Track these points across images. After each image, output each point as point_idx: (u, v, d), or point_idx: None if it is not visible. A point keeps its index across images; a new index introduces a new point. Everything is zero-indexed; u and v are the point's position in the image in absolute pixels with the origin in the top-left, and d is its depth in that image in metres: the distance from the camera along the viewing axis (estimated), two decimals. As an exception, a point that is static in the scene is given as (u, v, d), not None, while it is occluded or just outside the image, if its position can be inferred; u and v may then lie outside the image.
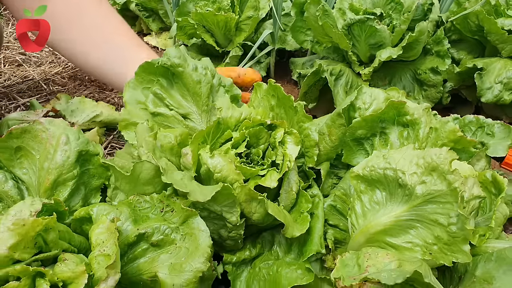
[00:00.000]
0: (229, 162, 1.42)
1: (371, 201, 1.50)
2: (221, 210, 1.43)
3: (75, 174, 1.40)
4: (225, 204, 1.41)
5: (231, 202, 1.40)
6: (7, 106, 3.04)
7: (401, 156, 1.45)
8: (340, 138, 1.77)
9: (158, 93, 1.77)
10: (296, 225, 1.47)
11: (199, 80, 1.76)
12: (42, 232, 1.19)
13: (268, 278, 1.51)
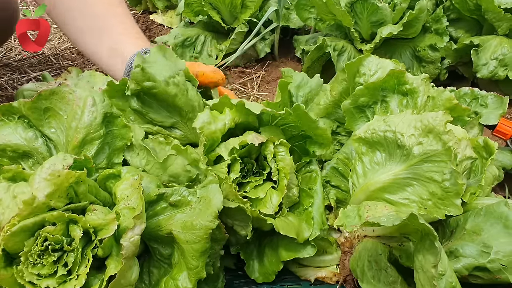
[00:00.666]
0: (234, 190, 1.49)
1: (371, 162, 1.62)
2: (232, 223, 1.56)
3: (101, 134, 1.50)
4: (238, 218, 1.54)
5: (244, 217, 1.53)
6: (19, 79, 3.14)
7: (400, 120, 1.56)
8: (340, 93, 1.87)
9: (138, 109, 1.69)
10: (303, 226, 1.61)
11: (175, 94, 1.65)
12: (74, 184, 1.31)
13: (273, 252, 1.64)
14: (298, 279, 1.76)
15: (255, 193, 1.61)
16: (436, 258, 1.18)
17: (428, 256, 1.22)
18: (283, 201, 1.65)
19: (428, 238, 1.20)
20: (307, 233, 1.60)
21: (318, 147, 1.76)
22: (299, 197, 1.71)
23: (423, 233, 1.27)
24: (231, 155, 1.59)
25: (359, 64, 1.88)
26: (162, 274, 1.45)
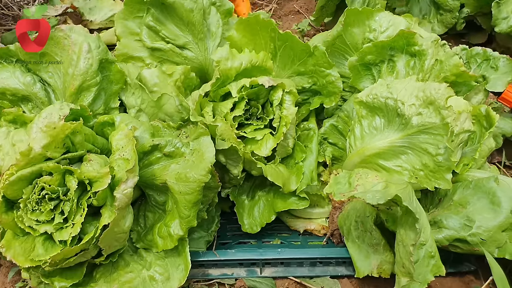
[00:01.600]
0: (229, 129, 1.52)
1: (370, 126, 1.62)
2: (226, 161, 1.58)
3: (98, 80, 1.51)
4: (231, 158, 1.56)
5: (237, 157, 1.55)
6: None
7: (403, 86, 1.54)
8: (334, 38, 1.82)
9: (152, 26, 1.74)
10: (291, 179, 1.64)
11: (191, 9, 1.72)
12: (70, 134, 1.33)
13: (266, 203, 1.69)
14: (287, 229, 1.84)
15: (252, 134, 1.64)
16: (416, 237, 1.23)
17: (409, 233, 1.27)
18: (277, 149, 1.68)
19: (411, 216, 1.24)
20: (293, 186, 1.65)
21: (328, 100, 1.74)
22: (293, 150, 1.74)
23: (407, 209, 1.30)
24: (239, 93, 1.61)
25: (370, 17, 1.81)
26: (157, 219, 1.53)
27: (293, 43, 1.71)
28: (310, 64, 1.74)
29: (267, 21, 1.71)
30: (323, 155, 1.79)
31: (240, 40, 1.80)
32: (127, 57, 1.80)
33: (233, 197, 1.73)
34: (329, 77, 1.71)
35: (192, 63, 1.81)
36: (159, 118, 1.60)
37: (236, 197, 1.74)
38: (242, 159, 1.60)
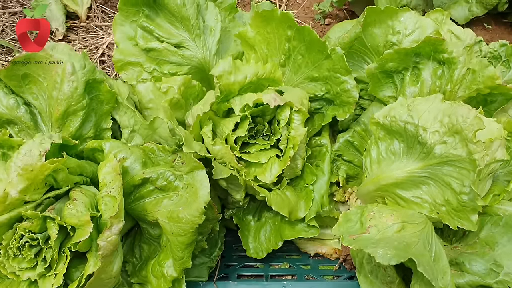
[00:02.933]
0: (230, 153, 1.42)
1: (387, 150, 1.46)
2: (227, 186, 1.46)
3: (85, 104, 1.39)
4: (233, 183, 1.44)
5: (238, 183, 1.44)
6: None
7: (427, 108, 1.36)
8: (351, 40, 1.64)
9: (146, 26, 1.64)
10: (300, 205, 1.51)
11: (182, 3, 1.60)
12: (52, 172, 1.24)
13: (274, 227, 1.58)
14: (297, 250, 1.74)
15: (257, 157, 1.51)
16: (432, 298, 1.10)
17: (424, 291, 1.14)
18: (284, 172, 1.55)
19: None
20: (302, 213, 1.53)
21: (341, 112, 1.59)
22: (303, 172, 1.60)
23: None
24: (243, 112, 1.48)
25: (393, 17, 1.60)
26: (152, 252, 1.46)
27: (310, 43, 1.56)
28: (325, 69, 1.58)
29: (283, 16, 1.56)
30: (336, 174, 1.65)
31: (253, 37, 1.67)
32: (125, 63, 1.70)
33: (237, 219, 1.63)
34: (344, 85, 1.55)
35: (191, 61, 1.69)
36: (154, 140, 1.49)
37: (241, 218, 1.64)
38: (244, 185, 1.48)
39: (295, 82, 1.69)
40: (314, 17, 2.72)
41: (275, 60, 1.69)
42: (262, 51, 1.70)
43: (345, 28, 1.91)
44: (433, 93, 1.55)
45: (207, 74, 1.72)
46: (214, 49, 1.72)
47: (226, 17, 1.81)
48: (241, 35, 1.69)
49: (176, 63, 1.70)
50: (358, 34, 1.63)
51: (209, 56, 1.71)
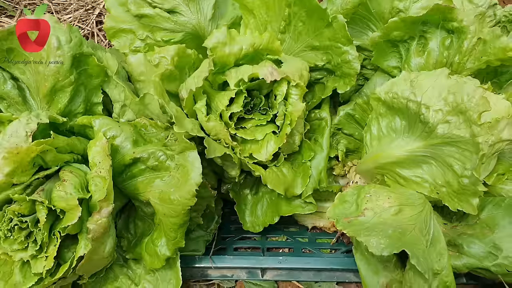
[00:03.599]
0: (224, 130, 1.38)
1: (388, 127, 1.41)
2: (222, 163, 1.42)
3: (72, 80, 1.34)
4: (228, 160, 1.40)
5: (232, 161, 1.40)
6: None
7: (431, 84, 1.29)
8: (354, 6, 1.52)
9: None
10: (296, 181, 1.48)
11: None
12: (40, 153, 1.21)
13: (271, 202, 1.55)
14: (295, 222, 1.73)
15: (252, 133, 1.47)
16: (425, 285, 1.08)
17: (418, 279, 1.12)
18: (281, 148, 1.51)
19: (420, 265, 1.08)
20: (298, 190, 1.51)
21: (342, 83, 1.51)
22: (301, 147, 1.56)
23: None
24: (238, 87, 1.43)
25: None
26: (146, 228, 1.45)
27: (310, 9, 1.47)
28: (325, 38, 1.50)
29: None
30: (335, 149, 1.60)
31: (252, 1, 1.58)
32: (117, 31, 1.64)
33: (234, 194, 1.60)
34: (345, 55, 1.48)
35: (185, 28, 1.63)
36: (146, 115, 1.44)
37: (238, 193, 1.62)
38: (239, 163, 1.45)
39: (296, 50, 1.61)
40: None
41: (275, 26, 1.60)
42: (262, 16, 1.61)
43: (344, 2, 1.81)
44: (440, 64, 1.47)
45: (203, 41, 1.65)
46: (210, 14, 1.64)
47: None
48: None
49: (169, 29, 1.63)
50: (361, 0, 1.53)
51: (204, 22, 1.64)
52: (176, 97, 1.54)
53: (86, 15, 2.45)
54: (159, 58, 1.47)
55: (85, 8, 2.47)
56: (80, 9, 2.47)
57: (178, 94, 1.54)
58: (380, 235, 1.09)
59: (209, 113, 1.48)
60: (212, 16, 1.65)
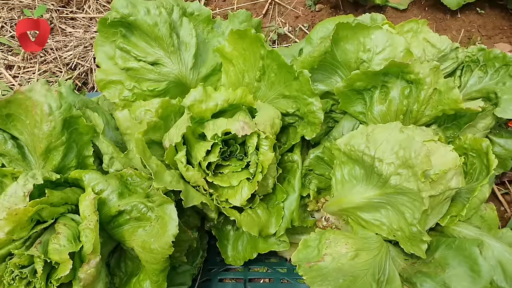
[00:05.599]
0: (201, 179, 1.54)
1: (350, 174, 1.54)
2: (202, 206, 1.58)
3: (64, 140, 1.51)
4: (205, 206, 1.57)
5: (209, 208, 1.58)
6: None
7: (385, 137, 1.43)
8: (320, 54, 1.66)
9: (123, 47, 1.71)
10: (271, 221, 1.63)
11: (155, 23, 1.67)
12: (37, 210, 1.38)
13: (250, 239, 1.71)
14: (275, 254, 1.87)
15: (228, 180, 1.62)
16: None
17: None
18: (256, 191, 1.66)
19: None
20: (272, 229, 1.66)
21: (309, 130, 1.66)
22: (274, 189, 1.71)
23: None
24: (214, 139, 1.58)
25: (364, 34, 1.62)
26: (135, 268, 1.61)
27: (280, 64, 1.62)
28: (294, 89, 1.65)
29: (256, 37, 1.62)
30: (307, 188, 1.75)
31: (231, 52, 1.74)
32: (107, 82, 1.80)
33: (216, 231, 1.76)
34: (310, 106, 1.61)
35: (168, 77, 1.78)
36: (131, 166, 1.60)
37: (220, 229, 1.78)
38: (216, 208, 1.60)
39: (270, 97, 1.75)
40: (305, 2, 2.70)
41: (252, 75, 1.75)
42: (240, 65, 1.76)
43: (326, 28, 1.95)
44: (401, 112, 1.60)
45: (186, 87, 1.81)
46: (191, 63, 1.79)
47: (204, 29, 1.87)
48: (220, 50, 1.75)
49: (154, 80, 1.78)
50: (327, 49, 1.66)
51: (186, 71, 1.79)
52: (160, 145, 1.70)
53: (85, 52, 2.62)
54: (144, 111, 1.64)
55: (83, 46, 2.64)
56: (79, 46, 2.64)
57: (161, 142, 1.70)
58: (331, 284, 1.24)
59: (190, 160, 1.64)
60: (193, 65, 1.80)
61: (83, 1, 2.89)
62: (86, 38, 2.68)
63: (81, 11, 2.86)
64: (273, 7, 2.74)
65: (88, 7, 2.87)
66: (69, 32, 2.75)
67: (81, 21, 2.81)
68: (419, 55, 1.72)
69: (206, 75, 1.84)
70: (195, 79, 1.82)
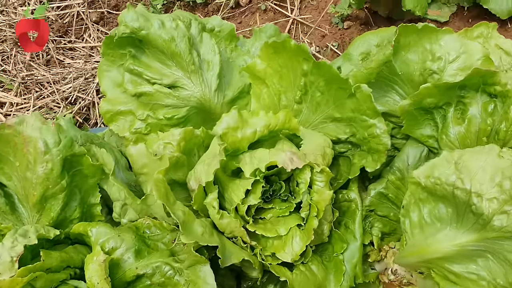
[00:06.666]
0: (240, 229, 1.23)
1: (431, 214, 1.23)
2: (241, 264, 1.24)
3: (65, 185, 1.20)
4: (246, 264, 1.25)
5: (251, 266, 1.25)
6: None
7: (480, 165, 1.12)
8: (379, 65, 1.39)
9: (133, 69, 1.45)
10: (329, 280, 1.29)
11: (171, 37, 1.41)
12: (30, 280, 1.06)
13: None
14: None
15: (273, 228, 1.30)
16: None
17: None
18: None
19: None
20: (331, 289, 1.32)
21: (370, 160, 1.36)
22: (330, 237, 1.38)
23: None
24: (254, 176, 1.27)
25: (433, 39, 1.35)
26: None
27: (328, 79, 1.34)
28: (348, 109, 1.35)
29: (297, 48, 1.35)
30: (369, 233, 1.42)
31: (264, 70, 1.47)
32: (115, 114, 1.52)
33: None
34: (372, 129, 1.32)
35: (189, 102, 1.50)
36: (149, 214, 1.29)
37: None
38: (261, 265, 1.28)
39: (314, 122, 1.47)
40: (331, 20, 2.45)
41: (290, 96, 1.47)
42: (275, 86, 1.48)
43: (368, 42, 1.65)
44: (484, 133, 1.30)
45: (210, 114, 1.53)
46: (215, 85, 1.51)
47: (227, 47, 1.61)
48: (250, 69, 1.49)
49: (172, 105, 1.50)
50: (388, 58, 1.37)
51: (210, 93, 1.52)
52: (183, 186, 1.39)
53: (86, 84, 2.35)
54: (164, 145, 1.33)
55: (84, 77, 2.37)
56: (79, 77, 2.38)
57: (186, 183, 1.39)
58: None
59: (223, 204, 1.32)
60: (218, 86, 1.52)
61: (82, 30, 2.64)
62: (87, 69, 2.41)
63: (80, 41, 2.61)
64: (295, 27, 2.49)
65: (88, 36, 2.62)
66: (68, 63, 2.49)
67: (81, 51, 2.56)
68: (496, 64, 1.43)
69: (233, 98, 1.56)
70: (220, 103, 1.54)
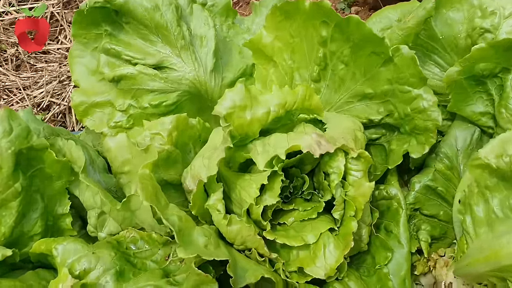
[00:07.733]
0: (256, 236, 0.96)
1: (504, 206, 0.96)
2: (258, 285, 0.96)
3: (19, 189, 0.91)
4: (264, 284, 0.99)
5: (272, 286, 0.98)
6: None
7: None
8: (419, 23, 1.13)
9: (111, 48, 1.23)
10: None
11: (155, 5, 1.18)
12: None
13: None
14: None
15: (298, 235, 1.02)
16: None
17: None
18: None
19: None
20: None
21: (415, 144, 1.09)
22: (369, 244, 1.09)
23: None
24: (270, 167, 0.98)
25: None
26: None
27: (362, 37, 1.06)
28: (383, 80, 1.10)
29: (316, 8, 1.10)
30: (415, 238, 1.14)
31: (271, 44, 1.23)
32: (89, 106, 1.27)
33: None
34: (417, 102, 1.07)
35: (179, 85, 1.26)
36: (134, 225, 1.00)
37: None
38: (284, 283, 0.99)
39: (337, 103, 1.21)
40: (336, 6, 2.22)
41: (305, 74, 1.23)
42: (285, 63, 1.24)
43: (388, 17, 1.41)
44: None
45: (205, 99, 1.29)
46: (211, 64, 1.27)
47: (223, 24, 1.37)
48: (254, 43, 1.25)
49: (159, 90, 1.26)
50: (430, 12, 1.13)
51: (205, 75, 1.28)
52: (178, 189, 1.11)
53: (61, 87, 2.08)
54: (151, 136, 1.05)
55: (59, 80, 2.10)
56: (53, 81, 2.10)
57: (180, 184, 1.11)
58: None
59: (229, 207, 1.04)
60: (214, 66, 1.28)
61: (57, 32, 2.39)
62: (62, 72, 2.15)
63: (55, 43, 2.35)
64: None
65: (64, 38, 2.36)
66: (41, 67, 2.22)
67: (55, 54, 2.29)
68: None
69: (233, 81, 1.31)
70: (218, 85, 1.29)
